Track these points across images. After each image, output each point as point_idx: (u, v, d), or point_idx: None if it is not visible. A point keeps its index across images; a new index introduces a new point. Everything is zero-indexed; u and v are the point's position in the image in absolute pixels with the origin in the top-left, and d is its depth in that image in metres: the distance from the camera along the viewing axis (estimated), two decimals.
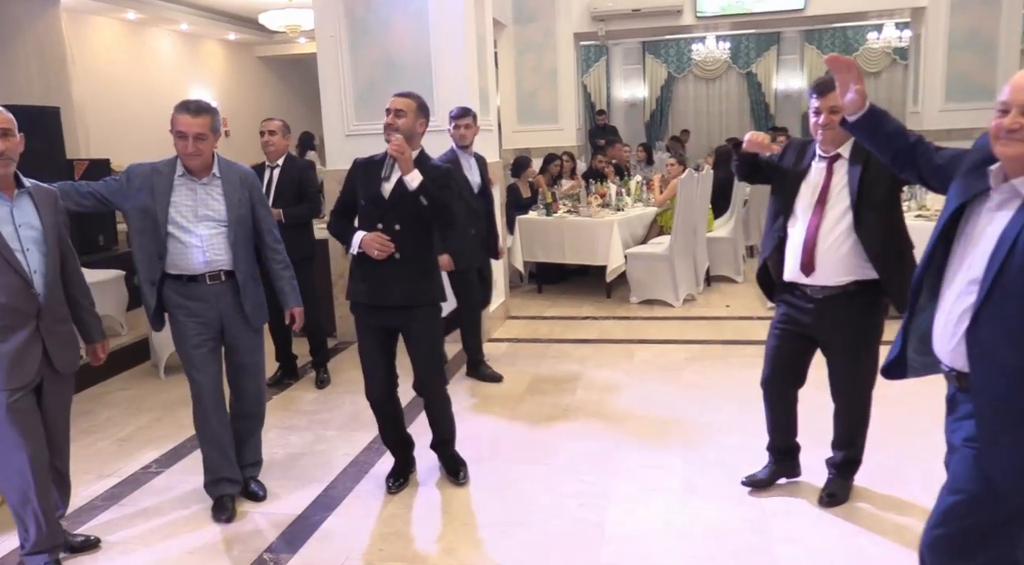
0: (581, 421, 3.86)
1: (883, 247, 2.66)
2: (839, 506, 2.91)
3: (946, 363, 1.77)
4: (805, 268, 2.74)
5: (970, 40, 9.35)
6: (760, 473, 3.12)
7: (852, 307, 2.74)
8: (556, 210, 6.74)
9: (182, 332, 2.99)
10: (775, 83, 14.91)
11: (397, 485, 3.23)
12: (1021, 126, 1.59)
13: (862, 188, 2.65)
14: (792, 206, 2.80)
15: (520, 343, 5.34)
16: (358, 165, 3.14)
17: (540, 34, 10.42)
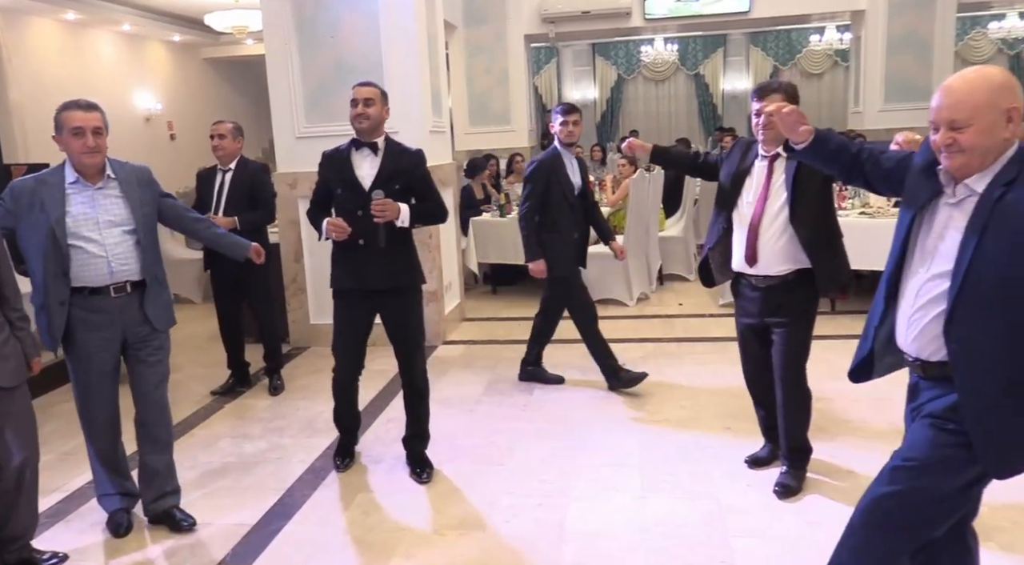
0: (539, 421, 3.88)
1: (814, 236, 2.87)
2: (794, 498, 2.98)
3: (911, 353, 1.83)
4: (749, 259, 2.95)
5: (907, 42, 9.68)
6: (760, 452, 3.31)
7: (791, 294, 2.95)
8: (510, 211, 6.75)
9: (84, 349, 2.79)
10: (722, 84, 15.19)
11: (345, 463, 3.40)
12: (953, 140, 1.68)
13: (796, 184, 2.86)
14: (736, 201, 3.01)
15: (476, 345, 5.33)
16: (327, 157, 3.26)
17: (491, 36, 10.45)
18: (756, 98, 2.92)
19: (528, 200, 4.18)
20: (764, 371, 3.15)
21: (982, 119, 1.65)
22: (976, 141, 1.66)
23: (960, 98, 1.67)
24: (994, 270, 1.63)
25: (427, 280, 5.18)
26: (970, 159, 1.68)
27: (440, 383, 4.54)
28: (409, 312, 3.29)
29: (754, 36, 14.89)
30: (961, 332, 1.69)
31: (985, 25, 13.82)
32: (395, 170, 3.16)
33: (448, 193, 5.75)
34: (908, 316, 1.82)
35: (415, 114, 5.18)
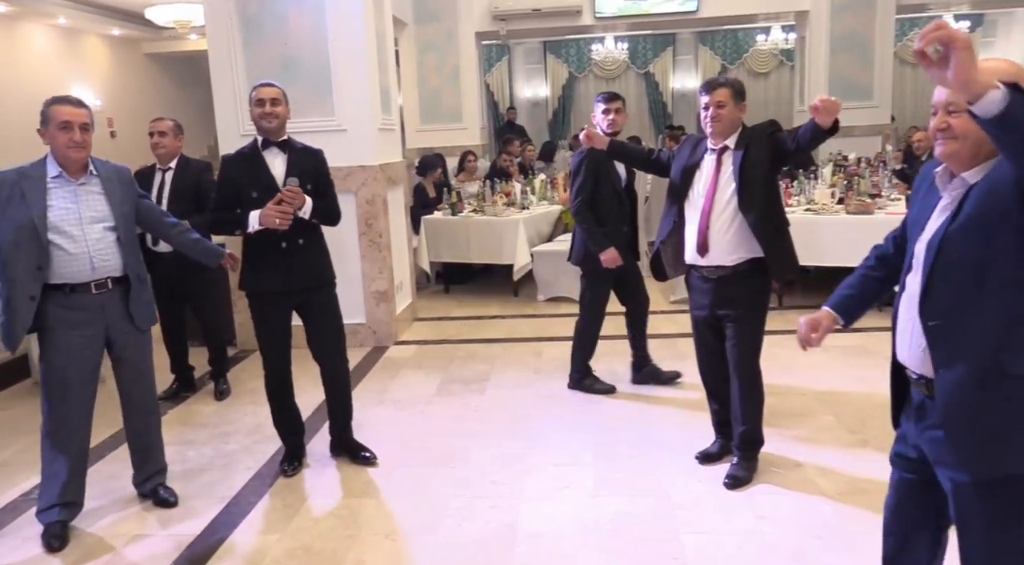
0: (492, 421, 3.85)
1: (763, 222, 2.95)
2: (743, 490, 3.01)
3: (914, 370, 1.72)
4: (700, 249, 3.03)
5: (849, 43, 9.89)
6: (711, 448, 3.33)
7: (743, 284, 3.02)
8: (462, 210, 6.71)
9: (65, 348, 2.77)
10: (671, 83, 15.34)
11: (293, 468, 3.35)
12: (948, 125, 1.60)
13: (743, 171, 2.95)
14: (687, 195, 3.10)
15: (428, 345, 5.29)
16: (234, 160, 3.26)
17: (442, 33, 10.37)
18: (704, 93, 3.02)
19: (579, 195, 4.10)
20: (719, 364, 3.21)
21: None
22: (969, 127, 1.53)
23: None
24: (963, 239, 1.56)
25: (378, 279, 5.18)
26: (961, 147, 1.59)
27: (392, 384, 4.49)
28: (334, 308, 3.37)
29: (702, 35, 15.07)
30: (936, 308, 1.61)
31: (922, 27, 14.19)
32: (303, 169, 3.22)
33: (399, 191, 5.70)
34: (908, 332, 1.71)
35: (364, 112, 5.10)
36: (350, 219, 5.14)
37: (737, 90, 3.02)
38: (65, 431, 2.84)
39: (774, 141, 2.99)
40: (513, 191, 7.05)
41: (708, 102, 3.00)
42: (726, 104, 2.98)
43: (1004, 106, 1.30)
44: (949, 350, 1.60)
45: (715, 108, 2.99)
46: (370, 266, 5.22)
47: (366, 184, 5.12)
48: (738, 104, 3.02)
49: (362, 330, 5.27)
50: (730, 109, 2.99)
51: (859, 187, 6.16)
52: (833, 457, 3.28)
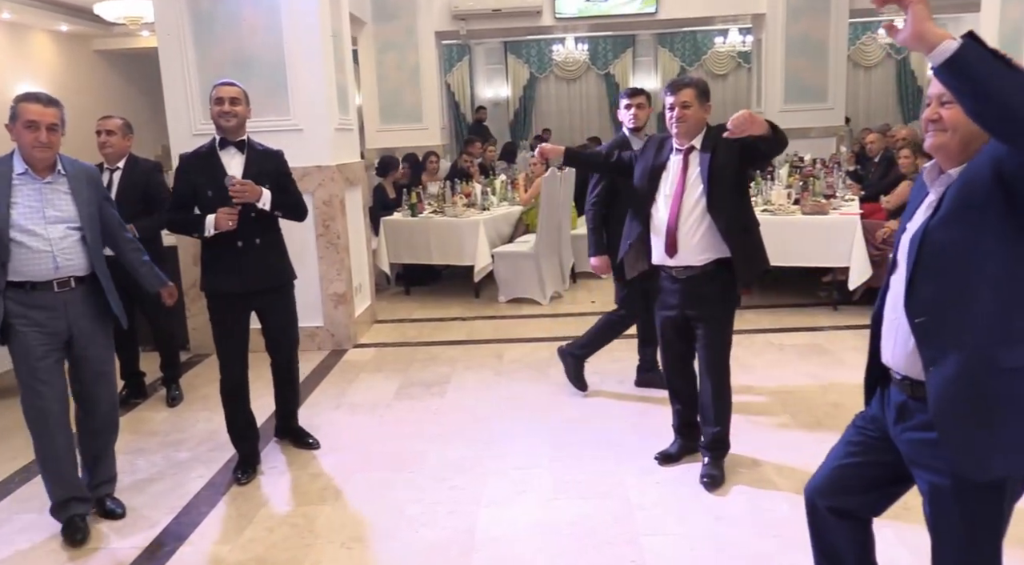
0: (451, 425, 3.81)
1: (732, 224, 2.96)
2: (701, 490, 3.02)
3: (898, 371, 1.70)
4: (669, 250, 3.02)
5: (804, 46, 10.07)
6: (671, 448, 3.33)
7: (712, 284, 3.02)
8: (421, 211, 6.65)
9: (24, 345, 2.72)
10: (631, 84, 15.43)
11: (247, 475, 3.29)
12: (940, 117, 1.58)
13: (712, 173, 2.94)
14: (654, 196, 3.08)
15: (388, 348, 5.22)
16: (188, 160, 3.29)
17: (401, 32, 10.29)
18: (669, 93, 3.02)
19: (594, 194, 3.98)
20: (685, 365, 3.22)
21: None
22: (960, 119, 1.53)
23: None
24: (944, 233, 1.55)
25: (336, 281, 5.10)
26: (950, 140, 1.57)
27: (350, 388, 4.42)
28: (291, 309, 3.43)
29: (662, 37, 15.21)
30: (922, 304, 1.58)
31: (875, 30, 14.53)
32: (261, 171, 3.22)
33: (357, 192, 5.62)
34: (892, 327, 1.70)
35: (320, 111, 5.03)
36: (307, 221, 5.01)
37: (702, 90, 3.02)
38: (45, 430, 2.79)
39: (742, 144, 2.92)
40: (473, 192, 7.02)
41: (673, 102, 2.99)
42: (691, 104, 2.98)
43: (956, 50, 1.31)
44: (938, 346, 1.56)
45: (680, 108, 2.98)
46: (328, 268, 5.14)
47: (323, 185, 5.04)
48: (703, 104, 3.01)
49: (320, 333, 5.19)
50: (695, 109, 2.99)
51: (814, 188, 6.25)
52: (790, 454, 3.31)
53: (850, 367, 4.35)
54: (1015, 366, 1.52)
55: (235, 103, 3.16)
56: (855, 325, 5.19)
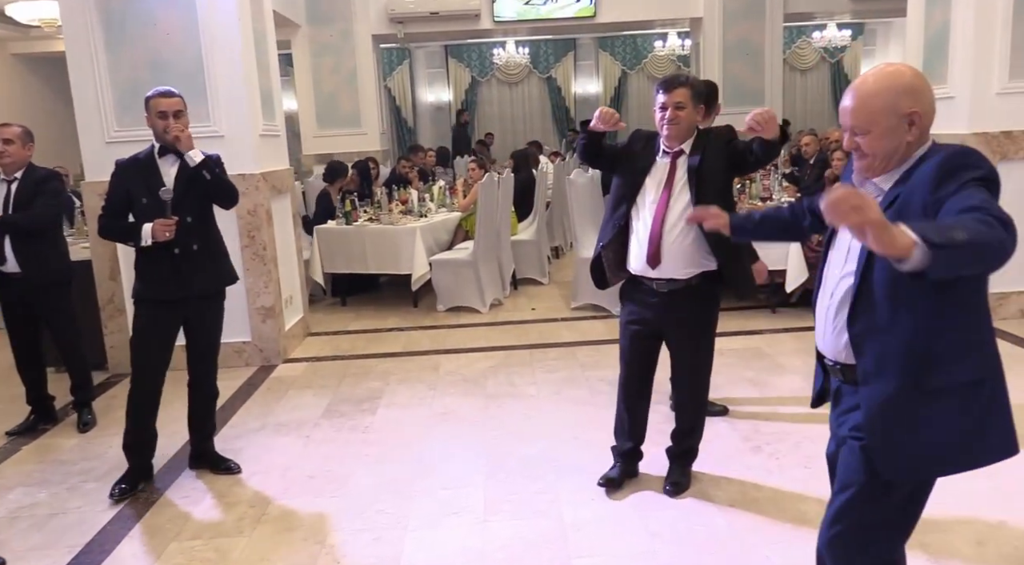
0: (380, 444, 3.65)
1: (721, 236, 2.67)
2: (636, 508, 2.92)
3: (830, 357, 1.77)
4: (651, 260, 2.78)
5: (741, 49, 10.17)
6: (611, 472, 3.11)
7: (694, 299, 2.84)
8: (356, 219, 6.46)
9: None
10: (574, 88, 15.47)
11: (123, 492, 3.17)
12: (857, 145, 1.66)
13: (700, 179, 2.76)
14: (636, 199, 2.84)
15: (319, 362, 5.02)
16: (125, 166, 3.22)
17: (337, 35, 10.08)
18: (662, 91, 2.78)
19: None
20: (646, 387, 3.02)
21: (880, 125, 1.61)
22: (876, 146, 1.63)
23: (859, 103, 1.64)
24: (885, 269, 1.56)
25: (264, 294, 4.88)
26: (872, 162, 1.66)
27: (277, 407, 4.22)
28: (218, 318, 3.34)
29: (602, 41, 15.26)
30: (860, 332, 1.66)
31: (809, 34, 14.83)
32: (195, 175, 3.14)
33: (285, 200, 5.41)
34: (824, 320, 1.77)
35: (243, 117, 4.81)
36: (231, 231, 4.82)
37: (697, 90, 2.81)
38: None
39: (731, 151, 2.82)
40: (410, 198, 6.85)
41: (666, 102, 2.75)
42: (686, 105, 2.75)
43: (927, 263, 1.32)
44: (870, 364, 1.65)
45: (674, 109, 2.74)
46: (255, 280, 4.92)
47: (247, 194, 4.81)
48: (697, 106, 2.80)
49: (247, 348, 4.97)
50: (689, 111, 2.77)
51: (751, 190, 6.26)
52: (725, 465, 3.23)
53: (790, 371, 4.33)
54: (934, 388, 1.61)
55: (179, 116, 3.13)
56: (793, 328, 5.19)
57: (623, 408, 3.07)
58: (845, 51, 15.17)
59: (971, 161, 1.54)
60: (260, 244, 4.88)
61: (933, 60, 5.29)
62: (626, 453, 3.11)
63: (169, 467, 3.47)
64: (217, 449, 3.50)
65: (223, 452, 3.50)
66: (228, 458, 3.43)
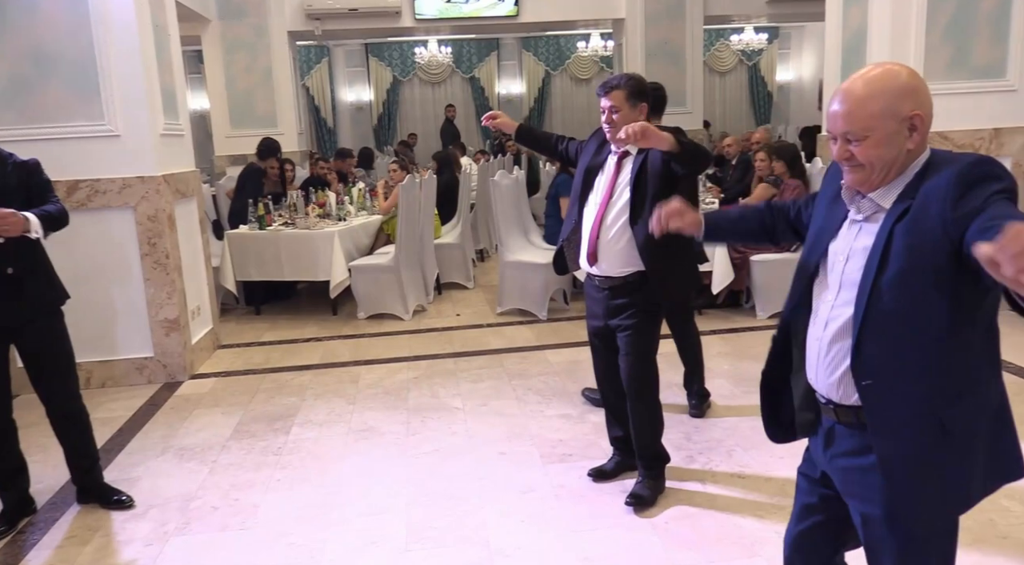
0: (294, 467, 3.39)
1: (650, 240, 2.63)
2: (567, 528, 2.77)
3: (823, 395, 1.58)
4: (590, 258, 2.84)
5: (662, 50, 10.21)
6: (606, 465, 3.13)
7: (633, 293, 2.82)
8: (270, 223, 6.13)
9: None
10: (497, 88, 15.34)
11: (3, 530, 2.89)
12: (851, 154, 1.45)
13: (637, 182, 2.73)
14: (587, 196, 2.89)
15: (230, 377, 4.70)
16: None
17: (251, 31, 9.64)
18: (600, 94, 2.81)
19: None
20: (615, 376, 2.99)
21: (879, 130, 1.41)
22: (874, 155, 1.43)
23: (854, 106, 1.43)
24: (895, 296, 1.41)
25: (167, 306, 4.54)
26: (870, 174, 1.45)
27: (181, 428, 3.90)
28: (55, 336, 2.95)
29: (526, 41, 15.18)
30: (869, 368, 1.45)
31: (728, 37, 15.12)
32: (5, 185, 2.76)
33: (191, 204, 5.06)
34: (816, 351, 1.57)
35: (141, 115, 4.45)
36: (129, 239, 4.48)
37: (633, 91, 2.76)
38: None
39: (668, 154, 2.72)
40: (328, 201, 6.55)
41: (603, 106, 2.78)
42: (620, 108, 2.75)
43: None
44: (886, 412, 1.45)
45: (609, 112, 2.76)
46: (156, 291, 4.56)
47: (147, 198, 4.47)
48: (636, 106, 2.76)
49: (149, 364, 4.61)
50: (625, 113, 2.74)
51: None
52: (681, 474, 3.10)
53: (718, 375, 4.26)
54: (956, 429, 1.44)
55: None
56: (720, 329, 5.16)
57: (604, 400, 3.15)
58: (762, 54, 15.52)
59: (994, 172, 1.36)
60: (162, 252, 4.54)
61: (851, 62, 5.35)
62: (618, 440, 3.12)
63: (53, 503, 3.13)
64: (111, 479, 3.19)
65: (118, 482, 3.19)
66: (120, 490, 3.11)
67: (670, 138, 2.52)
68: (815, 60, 15.25)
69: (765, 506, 2.85)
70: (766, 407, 1.76)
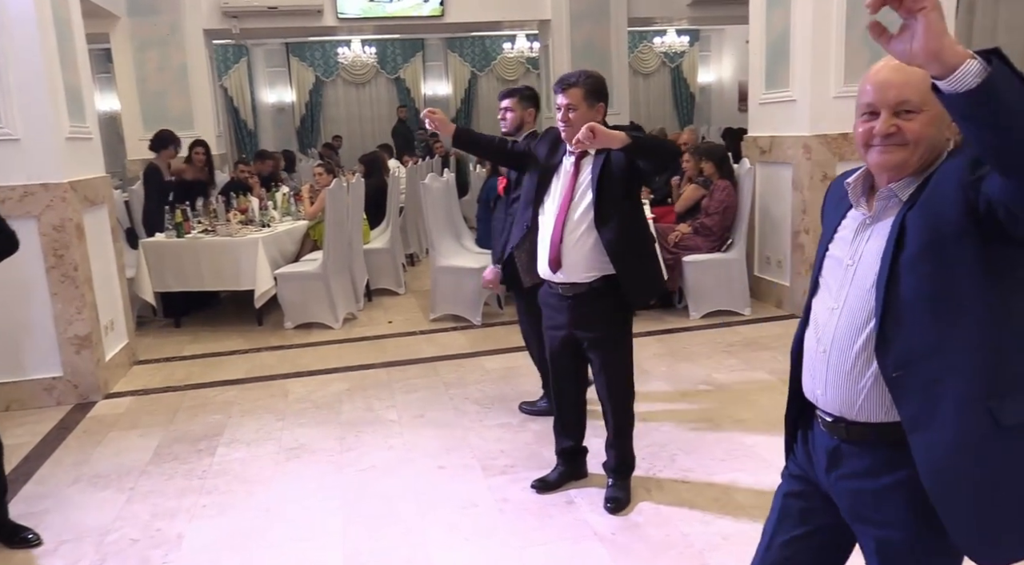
0: (220, 491, 3.19)
1: (620, 243, 2.64)
2: (511, 545, 2.68)
3: (830, 410, 1.42)
4: (552, 264, 2.70)
5: (588, 52, 10.24)
6: (550, 476, 3.04)
7: (601, 302, 2.72)
8: (189, 230, 5.84)
9: None
10: (424, 89, 15.15)
11: None
12: (898, 129, 1.32)
13: (601, 183, 2.63)
14: (543, 200, 2.76)
15: (148, 395, 4.43)
16: None
17: (164, 28, 9.24)
18: (557, 91, 2.70)
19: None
20: (575, 386, 2.91)
21: (935, 105, 1.24)
22: (924, 133, 1.31)
23: (913, 76, 1.28)
24: (918, 273, 1.30)
25: (77, 321, 4.24)
26: (911, 156, 1.33)
27: (95, 453, 3.64)
28: None
29: (451, 42, 15.05)
30: (895, 360, 1.31)
31: (651, 39, 15.33)
32: None
33: (101, 213, 4.76)
34: (821, 362, 1.43)
35: (43, 118, 4.14)
36: (33, 251, 4.15)
37: (590, 89, 2.66)
38: None
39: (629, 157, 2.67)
40: (250, 206, 6.29)
41: (560, 104, 2.66)
42: (578, 106, 2.64)
43: (983, 77, 1.04)
44: (921, 406, 1.30)
45: (565, 111, 2.65)
46: (65, 306, 4.26)
47: (52, 206, 4.17)
48: (593, 105, 2.67)
49: (59, 385, 4.30)
50: (583, 111, 2.64)
51: None
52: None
53: (655, 377, 4.25)
54: (1016, 423, 1.29)
55: None
56: (654, 331, 5.17)
57: (556, 408, 3.02)
58: (684, 56, 15.80)
59: None
60: (70, 264, 4.24)
61: (775, 64, 5.45)
62: (565, 452, 3.04)
63: None
64: (17, 514, 2.93)
65: (24, 517, 2.94)
66: (26, 526, 2.85)
67: (621, 136, 2.45)
68: (734, 62, 15.63)
69: (710, 512, 2.83)
70: (790, 425, 1.61)
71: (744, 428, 3.53)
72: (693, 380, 4.21)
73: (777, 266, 5.63)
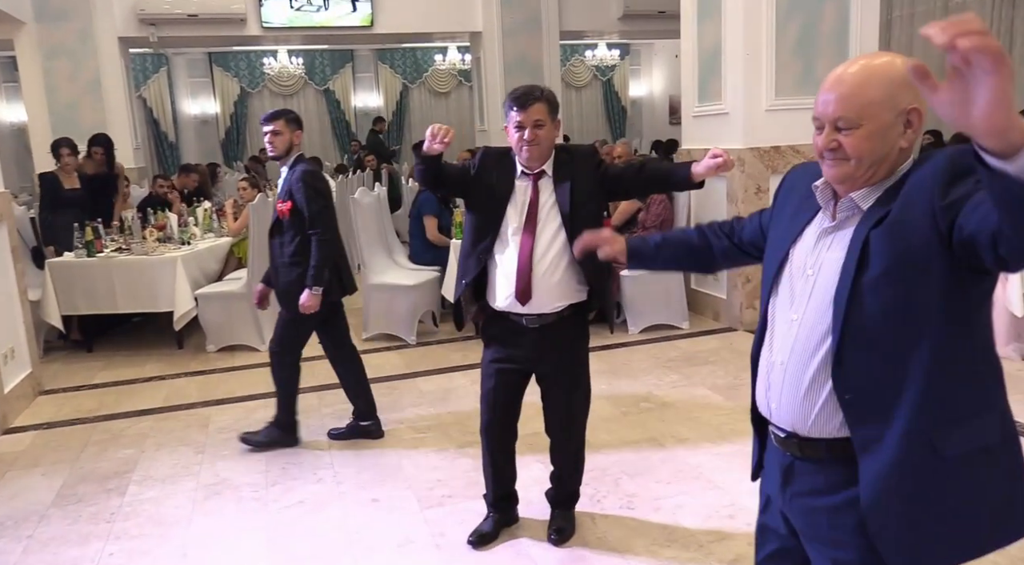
0: (131, 536, 2.92)
1: (596, 263, 2.38)
2: None
3: (783, 426, 1.40)
4: (521, 296, 2.47)
5: (520, 65, 10.20)
6: (483, 525, 2.78)
7: (567, 332, 2.57)
8: (100, 249, 5.47)
9: None
10: (353, 101, 14.87)
11: None
12: (838, 144, 1.30)
13: (573, 206, 2.46)
14: (499, 230, 2.51)
15: (54, 429, 4.08)
16: None
17: (73, 36, 8.79)
18: (517, 107, 2.42)
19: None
20: (510, 427, 2.70)
21: (874, 120, 1.27)
22: (864, 148, 1.28)
23: (851, 90, 1.28)
24: (880, 298, 1.26)
25: None
26: (856, 170, 1.31)
27: None
28: None
29: (382, 53, 14.83)
30: (853, 383, 1.30)
31: (582, 53, 15.44)
32: None
33: (2, 230, 4.40)
34: (778, 377, 1.39)
35: None
36: None
37: (553, 103, 2.49)
38: None
39: (606, 178, 2.54)
40: (168, 223, 5.96)
41: (523, 121, 2.41)
42: (544, 122, 2.43)
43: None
44: (871, 429, 1.29)
45: (532, 128, 2.41)
46: None
47: None
48: (555, 121, 2.48)
49: None
50: (548, 128, 2.45)
51: None
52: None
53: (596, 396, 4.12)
54: (956, 454, 1.28)
55: None
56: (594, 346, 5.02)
57: (488, 455, 2.74)
58: (615, 70, 15.96)
59: None
60: None
61: (707, 77, 5.46)
62: (498, 501, 2.81)
63: None
64: None
65: None
66: None
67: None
68: (664, 76, 15.87)
69: (658, 542, 2.72)
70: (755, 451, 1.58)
71: (688, 446, 3.45)
72: (635, 398, 4.12)
73: (713, 279, 5.62)
